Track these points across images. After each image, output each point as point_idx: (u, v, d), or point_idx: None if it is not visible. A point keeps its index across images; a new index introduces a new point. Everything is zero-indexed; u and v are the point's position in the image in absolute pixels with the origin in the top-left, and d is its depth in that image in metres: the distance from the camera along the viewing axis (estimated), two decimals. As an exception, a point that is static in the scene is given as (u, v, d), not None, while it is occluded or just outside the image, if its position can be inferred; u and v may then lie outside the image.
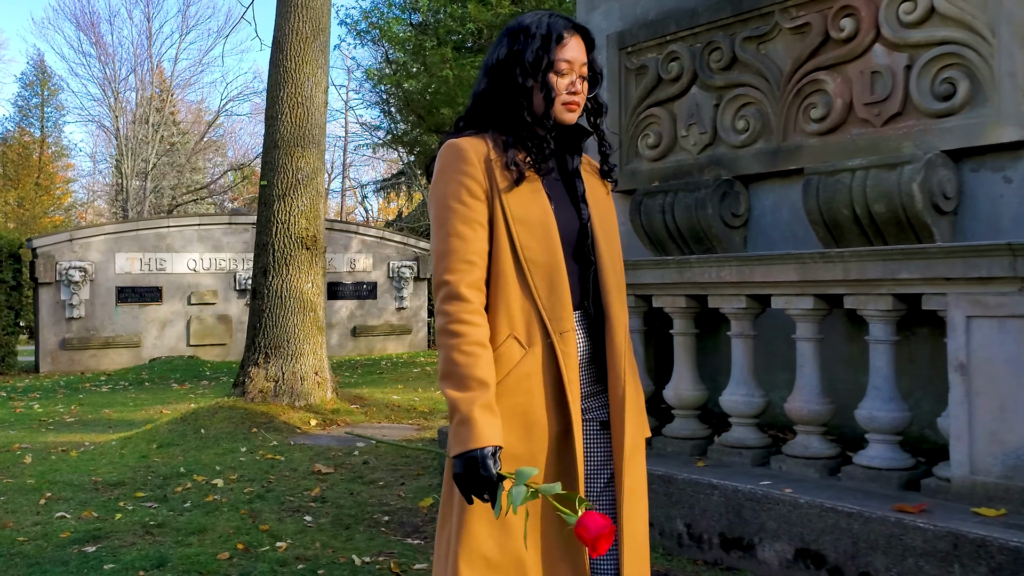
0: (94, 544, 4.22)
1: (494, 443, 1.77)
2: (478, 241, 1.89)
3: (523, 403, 1.88)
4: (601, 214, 2.04)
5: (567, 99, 1.97)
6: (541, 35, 1.97)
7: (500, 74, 2.00)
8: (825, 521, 3.45)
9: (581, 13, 5.80)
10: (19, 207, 36.20)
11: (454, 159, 1.93)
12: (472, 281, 1.88)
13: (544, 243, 1.91)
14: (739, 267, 4.04)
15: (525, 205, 1.92)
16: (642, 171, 5.26)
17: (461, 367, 1.82)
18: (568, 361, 1.90)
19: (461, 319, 1.85)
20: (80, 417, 9.63)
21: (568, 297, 1.92)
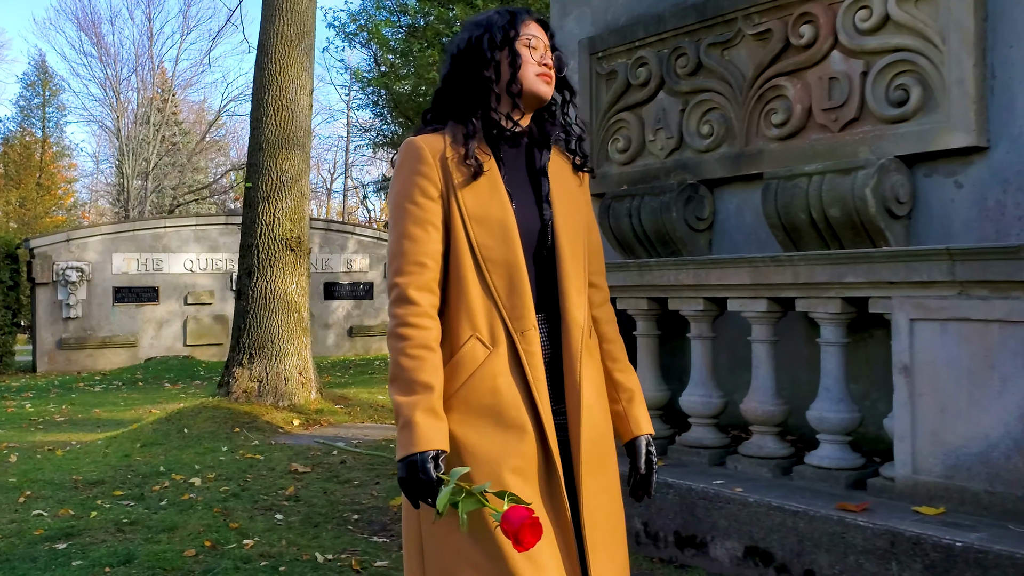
0: (66, 541, 4.31)
1: (435, 447, 1.75)
2: (430, 242, 1.87)
3: (492, 404, 1.85)
4: (568, 213, 1.99)
5: (540, 69, 1.95)
6: (504, 16, 1.98)
7: (465, 56, 1.98)
8: (772, 520, 3.53)
9: (555, 18, 5.88)
10: (21, 207, 36.35)
11: (409, 158, 1.91)
12: (422, 283, 1.85)
13: (503, 242, 1.87)
14: (695, 270, 4.11)
15: (483, 203, 1.88)
16: (612, 175, 5.33)
17: (406, 371, 1.81)
18: (532, 360, 1.87)
19: (408, 322, 1.83)
20: (70, 417, 9.73)
21: (529, 296, 1.88)
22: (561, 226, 1.96)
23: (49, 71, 37.27)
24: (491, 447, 1.83)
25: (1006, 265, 3.10)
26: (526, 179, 1.99)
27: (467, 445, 1.84)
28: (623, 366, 2.10)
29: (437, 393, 1.81)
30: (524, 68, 1.94)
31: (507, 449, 1.83)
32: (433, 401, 1.79)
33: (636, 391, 2.09)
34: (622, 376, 2.09)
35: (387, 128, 17.96)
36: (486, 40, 1.95)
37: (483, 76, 1.94)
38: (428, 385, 1.79)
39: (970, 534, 3.02)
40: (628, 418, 2.06)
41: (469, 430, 1.84)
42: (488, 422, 1.84)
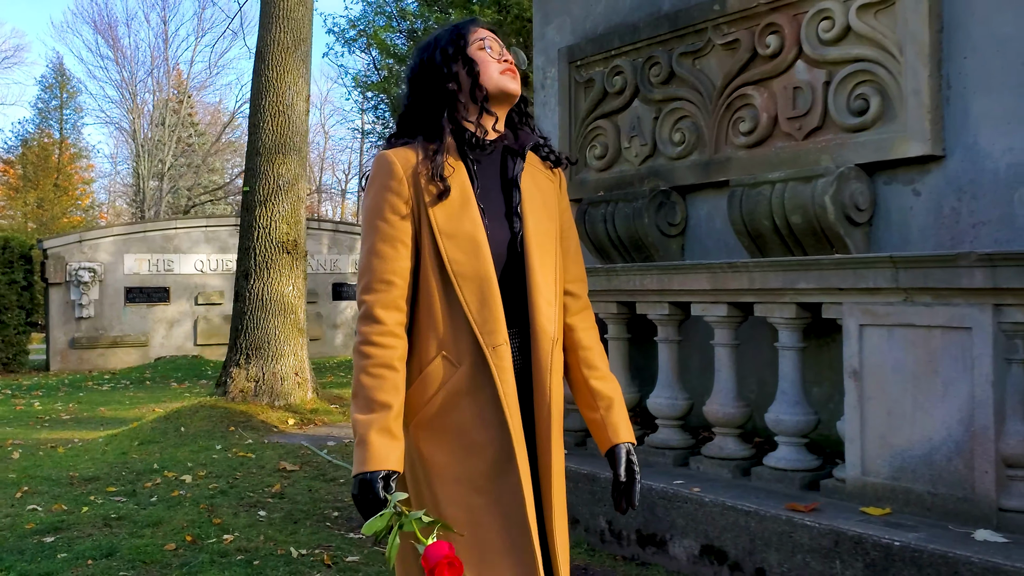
0: (54, 535, 4.46)
1: (387, 467, 1.75)
2: (398, 259, 1.86)
3: (457, 421, 1.84)
4: (539, 223, 1.96)
5: (502, 66, 1.95)
6: (450, 30, 2.00)
7: (421, 77, 1.98)
8: (726, 519, 3.63)
9: (537, 26, 5.99)
10: (39, 208, 36.76)
11: (380, 173, 1.90)
12: (388, 301, 1.85)
13: (474, 256, 1.85)
14: (659, 275, 4.22)
15: (454, 218, 1.86)
16: (589, 181, 5.44)
17: (366, 389, 1.81)
18: (503, 375, 1.84)
19: (371, 340, 1.83)
20: (76, 415, 9.92)
21: (500, 311, 1.85)
22: (531, 237, 1.93)
23: (66, 73, 37.75)
24: (456, 465, 1.83)
25: (945, 272, 3.19)
26: (499, 190, 1.96)
27: (432, 463, 1.85)
28: (601, 374, 2.06)
29: (395, 412, 1.80)
30: (485, 69, 1.94)
31: (471, 467, 1.83)
32: (389, 421, 1.78)
33: (615, 399, 2.04)
34: (600, 384, 2.04)
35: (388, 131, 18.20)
36: (439, 55, 1.95)
37: (446, 90, 1.93)
38: (386, 404, 1.79)
39: (908, 534, 3.11)
40: (607, 426, 2.01)
41: (434, 448, 1.85)
42: (453, 440, 1.84)
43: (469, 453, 1.84)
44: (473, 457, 1.84)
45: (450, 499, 1.82)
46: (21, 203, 36.83)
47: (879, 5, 4.05)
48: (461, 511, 1.82)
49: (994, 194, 3.77)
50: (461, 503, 1.82)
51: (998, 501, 3.12)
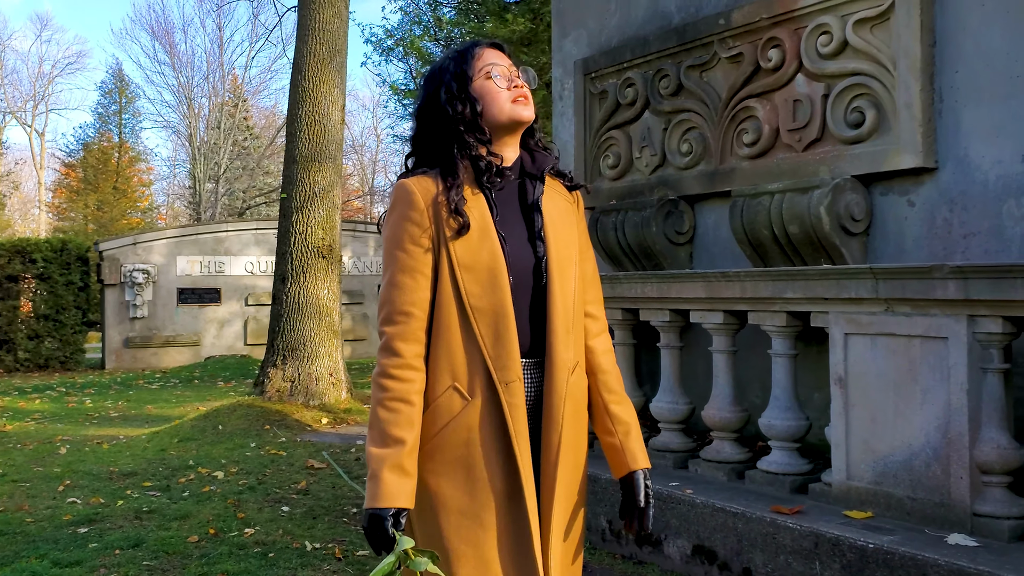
0: (88, 526, 4.75)
1: (397, 505, 1.76)
2: (417, 291, 1.86)
3: (464, 456, 1.84)
4: (561, 247, 1.96)
5: (512, 94, 1.93)
6: (454, 60, 1.96)
7: (428, 113, 1.96)
8: (716, 520, 3.76)
9: (555, 39, 6.15)
10: (98, 210, 37.86)
11: (400, 203, 1.89)
12: (408, 333, 1.85)
13: (491, 289, 1.85)
14: (658, 284, 4.36)
15: (473, 250, 1.85)
16: (603, 190, 5.59)
17: (381, 423, 1.82)
18: (515, 412, 1.84)
19: (389, 373, 1.83)
20: (124, 412, 10.32)
21: (515, 346, 1.85)
22: (554, 262, 1.92)
23: (125, 79, 38.84)
24: (462, 500, 1.83)
25: (921, 284, 3.28)
26: (519, 215, 1.96)
27: (439, 496, 1.84)
28: (619, 398, 2.06)
29: (408, 448, 1.81)
30: (493, 102, 1.92)
31: (477, 502, 1.83)
32: (402, 457, 1.79)
33: (633, 424, 2.05)
34: (619, 408, 2.04)
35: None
36: (443, 94, 1.93)
37: (453, 129, 1.91)
38: (400, 440, 1.80)
39: (883, 537, 3.22)
40: (624, 452, 2.02)
41: (441, 480, 1.84)
42: (460, 474, 1.84)
43: (476, 487, 1.83)
44: (481, 492, 1.83)
45: (456, 532, 1.82)
46: (82, 205, 37.98)
47: (875, 20, 4.14)
48: (467, 545, 1.82)
49: (983, 206, 3.84)
50: (467, 537, 1.83)
51: (972, 506, 3.21)
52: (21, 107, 44.43)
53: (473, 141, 1.91)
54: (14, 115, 44.29)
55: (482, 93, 1.93)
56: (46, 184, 43.71)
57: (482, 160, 1.91)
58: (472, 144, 1.91)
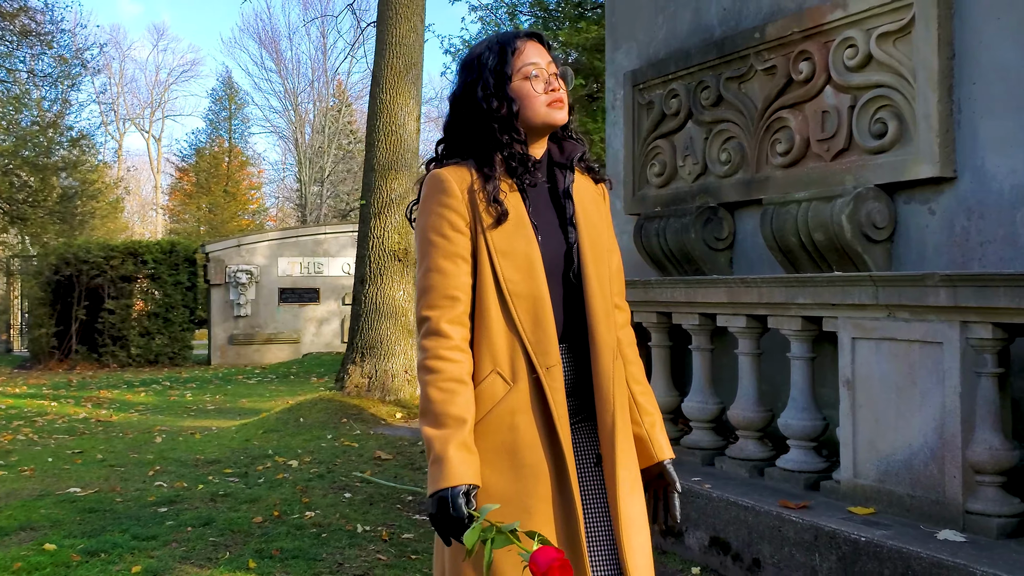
0: (168, 507, 5.24)
1: (467, 482, 1.73)
2: (460, 275, 1.86)
3: (509, 441, 1.83)
4: (592, 234, 1.97)
5: (549, 98, 1.93)
6: (495, 54, 1.95)
7: (463, 104, 1.96)
8: (730, 513, 3.97)
9: (609, 51, 6.40)
10: (210, 212, 39.64)
11: (435, 191, 1.90)
12: (453, 317, 1.84)
13: (528, 275, 1.86)
14: (686, 288, 4.57)
15: (509, 237, 1.87)
16: (649, 197, 5.81)
17: (437, 404, 1.78)
18: (556, 396, 1.84)
19: (439, 355, 1.82)
20: (220, 406, 11.00)
21: (553, 331, 1.86)
22: (587, 248, 1.94)
23: (235, 86, 40.57)
24: (507, 485, 1.81)
25: (916, 291, 3.43)
26: (549, 202, 1.97)
27: (485, 484, 1.81)
28: (645, 388, 2.09)
29: (469, 427, 1.78)
30: (530, 105, 1.92)
31: (522, 488, 1.81)
32: (465, 435, 1.77)
33: (658, 415, 2.09)
34: (645, 400, 2.07)
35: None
36: (479, 90, 1.93)
37: (488, 125, 1.92)
38: (460, 418, 1.77)
39: (876, 531, 3.39)
40: (652, 443, 2.04)
41: (485, 467, 1.81)
42: (505, 460, 1.82)
43: (520, 474, 1.82)
44: (524, 478, 1.82)
45: (499, 519, 1.75)
46: (195, 208, 39.85)
47: (897, 34, 4.26)
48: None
49: (999, 214, 3.94)
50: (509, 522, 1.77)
51: (965, 504, 3.35)
52: (139, 114, 46.89)
53: (508, 139, 1.91)
54: (133, 122, 46.75)
55: (520, 95, 1.92)
56: (162, 188, 46.01)
57: (516, 157, 1.92)
58: (507, 141, 1.91)
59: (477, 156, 1.93)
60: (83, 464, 6.77)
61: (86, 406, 10.69)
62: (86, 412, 10.10)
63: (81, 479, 6.15)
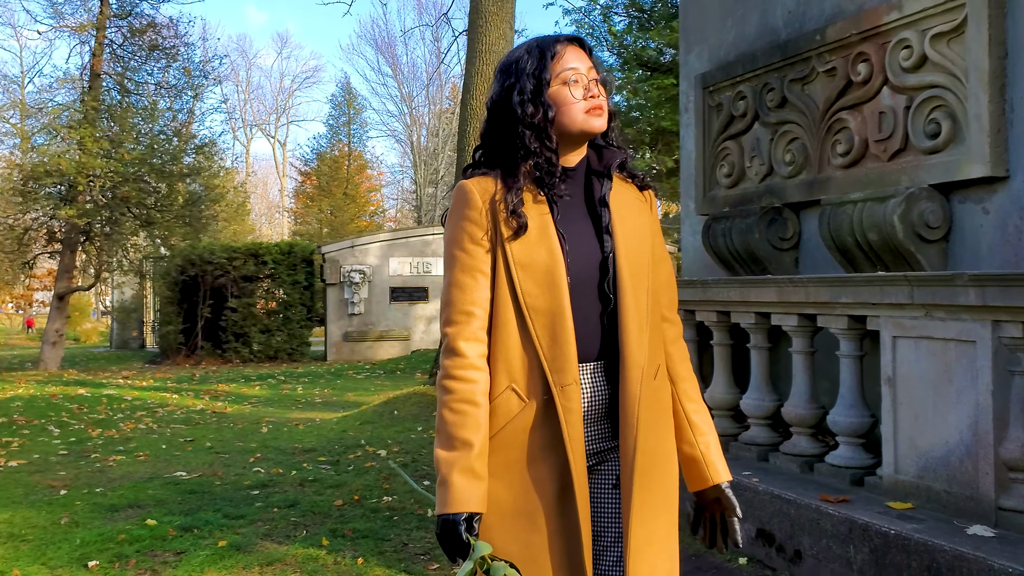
0: (260, 490, 5.68)
1: (469, 510, 1.72)
2: (478, 290, 1.82)
3: (520, 458, 1.80)
4: (631, 244, 1.89)
5: (588, 105, 1.87)
6: (533, 59, 1.90)
7: (499, 109, 1.91)
8: (774, 506, 4.09)
9: (682, 54, 6.52)
10: (331, 214, 41.10)
11: (458, 202, 1.88)
12: (470, 333, 1.81)
13: (548, 289, 1.80)
14: (740, 288, 4.69)
15: (530, 249, 1.82)
16: (719, 197, 5.92)
17: (448, 425, 1.79)
18: (569, 417, 1.78)
19: (453, 375, 1.80)
20: (327, 399, 11.57)
21: (572, 348, 1.80)
22: (623, 258, 1.87)
23: (353, 91, 41.96)
24: (515, 502, 1.79)
25: (947, 291, 3.49)
26: (584, 212, 1.91)
27: (493, 495, 1.79)
28: (699, 407, 2.01)
29: (477, 451, 1.76)
30: (567, 112, 1.87)
31: (530, 504, 1.79)
32: (472, 460, 1.75)
33: (713, 435, 2.00)
34: (699, 419, 2.00)
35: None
36: (516, 95, 1.88)
37: (521, 131, 1.86)
38: (468, 442, 1.76)
39: (906, 525, 3.46)
40: (707, 465, 1.97)
41: (495, 481, 1.79)
42: (515, 476, 1.80)
43: (529, 489, 1.79)
44: (533, 493, 1.79)
45: (508, 533, 1.79)
46: (316, 210, 41.37)
47: (950, 34, 4.28)
48: (518, 547, 1.78)
49: (1049, 213, 3.92)
50: (518, 539, 1.79)
51: (997, 500, 3.40)
52: (265, 119, 48.95)
53: (538, 147, 1.86)
54: (259, 127, 48.84)
55: (557, 101, 1.87)
56: (287, 191, 47.90)
57: (543, 166, 1.87)
58: (537, 150, 1.86)
59: (505, 165, 1.89)
60: (192, 451, 7.34)
61: (204, 398, 11.43)
62: (203, 404, 10.81)
63: (188, 464, 6.69)
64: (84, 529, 4.76)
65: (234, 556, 4.21)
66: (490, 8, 9.28)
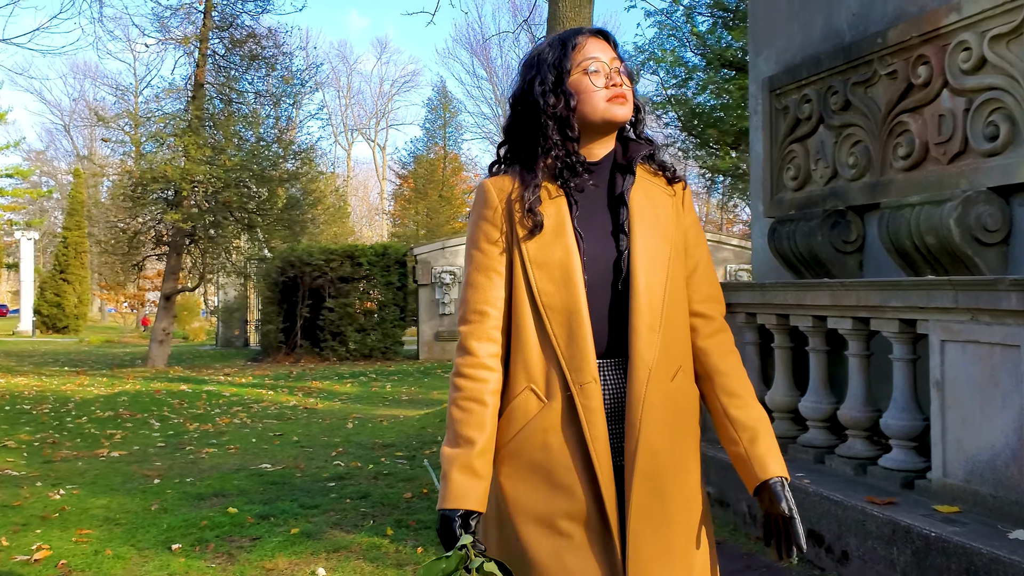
0: (336, 482, 5.97)
1: (465, 507, 1.70)
2: (492, 289, 1.81)
3: (542, 460, 1.76)
4: (650, 239, 1.83)
5: (609, 92, 1.83)
6: (554, 50, 1.87)
7: (521, 105, 1.89)
8: (823, 507, 4.13)
9: (751, 57, 6.55)
10: (427, 216, 41.84)
11: (477, 202, 1.88)
12: (482, 332, 1.80)
13: (563, 286, 1.77)
14: (796, 292, 4.73)
15: (546, 247, 1.78)
16: (786, 200, 5.94)
17: (454, 422, 1.78)
18: (590, 416, 1.73)
19: (462, 373, 1.80)
20: (413, 397, 11.90)
21: (589, 346, 1.75)
22: (638, 255, 1.81)
23: (448, 95, 42.59)
24: (540, 505, 1.75)
25: (990, 295, 3.49)
26: (605, 208, 1.86)
27: (517, 503, 1.77)
28: (742, 401, 1.87)
29: (479, 449, 1.75)
30: (588, 100, 1.83)
31: (556, 509, 1.74)
32: (472, 458, 1.74)
33: (759, 427, 1.85)
34: (741, 413, 1.86)
35: (682, 144, 19.13)
36: (536, 86, 1.85)
37: (542, 123, 1.84)
38: (470, 440, 1.75)
39: (948, 527, 3.48)
40: (752, 460, 1.82)
41: (519, 484, 1.77)
42: (538, 478, 1.76)
43: (554, 495, 1.75)
44: (559, 499, 1.74)
45: (535, 541, 1.74)
46: (413, 212, 42.18)
47: (1009, 36, 4.25)
48: (546, 555, 1.73)
49: (1107, 216, 3.87)
50: (546, 546, 1.74)
51: (1041, 506, 3.39)
52: (366, 124, 50.13)
53: (559, 138, 1.83)
54: (360, 131, 50.04)
55: (578, 89, 1.84)
56: (387, 194, 48.96)
57: (563, 158, 1.84)
58: (557, 141, 1.83)
59: (525, 160, 1.87)
60: (279, 445, 7.72)
61: (297, 395, 11.91)
62: (296, 400, 11.28)
63: (274, 457, 7.06)
64: (171, 515, 5.13)
65: (304, 543, 4.49)
66: (567, 14, 9.42)
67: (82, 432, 8.72)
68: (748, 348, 5.40)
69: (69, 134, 50.37)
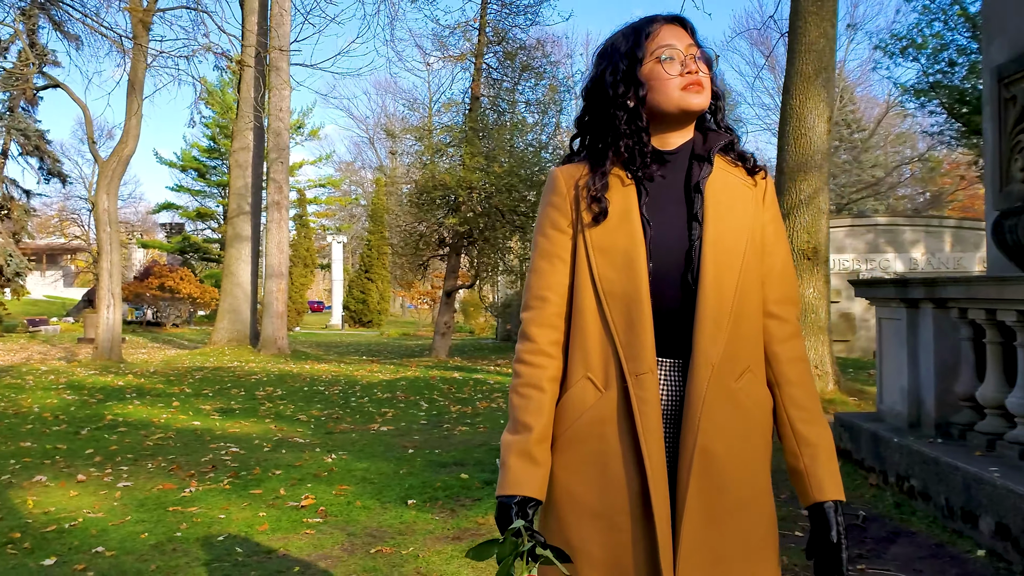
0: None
1: (522, 493, 1.66)
2: (554, 275, 1.78)
3: (597, 451, 1.70)
4: (722, 231, 1.74)
5: (684, 81, 1.75)
6: (628, 39, 1.82)
7: (592, 92, 1.85)
8: (1009, 500, 4.10)
9: (984, 45, 6.33)
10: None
11: (546, 189, 1.86)
12: (542, 319, 1.78)
13: (626, 274, 1.71)
14: (997, 286, 4.65)
15: (610, 233, 1.74)
16: (1015, 192, 5.73)
17: (514, 409, 1.76)
18: (644, 408, 1.66)
19: (522, 359, 1.78)
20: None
21: (649, 335, 1.68)
22: (709, 247, 1.72)
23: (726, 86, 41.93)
24: (594, 499, 1.70)
25: None
26: (680, 198, 1.78)
27: (571, 494, 1.72)
28: (809, 416, 1.79)
29: (537, 435, 1.72)
30: (662, 89, 1.77)
31: (610, 503, 1.68)
32: (530, 444, 1.71)
33: (822, 445, 1.78)
34: (806, 428, 1.78)
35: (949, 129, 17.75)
36: (608, 75, 1.81)
37: (613, 113, 1.79)
38: (528, 426, 1.72)
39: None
40: (810, 479, 1.76)
41: (574, 477, 1.72)
42: (593, 470, 1.70)
43: (608, 488, 1.69)
44: (613, 493, 1.68)
45: (589, 536, 1.69)
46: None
47: None
48: (600, 549, 1.69)
49: None
50: (600, 541, 1.69)
51: None
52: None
53: (628, 128, 1.78)
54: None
55: (651, 77, 1.78)
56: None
57: (633, 147, 1.78)
58: (626, 131, 1.78)
59: (595, 150, 1.83)
60: (522, 426, 8.42)
61: (554, 384, 12.65)
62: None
63: (514, 435, 7.75)
64: (414, 478, 5.93)
65: (515, 506, 5.08)
66: (809, 8, 9.37)
67: (361, 410, 9.96)
68: (964, 344, 5.33)
69: (373, 146, 55.30)
